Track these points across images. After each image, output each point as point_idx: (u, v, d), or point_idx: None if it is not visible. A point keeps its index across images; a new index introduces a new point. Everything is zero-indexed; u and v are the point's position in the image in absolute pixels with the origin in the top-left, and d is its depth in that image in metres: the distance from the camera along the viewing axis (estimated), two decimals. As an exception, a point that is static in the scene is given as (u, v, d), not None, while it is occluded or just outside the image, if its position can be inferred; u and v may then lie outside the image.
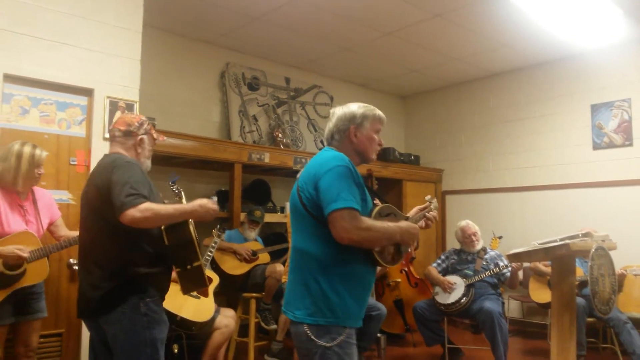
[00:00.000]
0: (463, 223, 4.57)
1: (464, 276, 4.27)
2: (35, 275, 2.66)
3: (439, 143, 6.80)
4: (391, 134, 7.02)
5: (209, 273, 3.64)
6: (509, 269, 4.27)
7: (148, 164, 2.35)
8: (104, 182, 2.07)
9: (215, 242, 3.83)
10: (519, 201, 5.86)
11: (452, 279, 4.29)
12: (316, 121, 5.99)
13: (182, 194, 2.62)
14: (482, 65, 5.85)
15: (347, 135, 1.98)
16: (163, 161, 4.36)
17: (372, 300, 4.27)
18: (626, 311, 4.34)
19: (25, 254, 2.55)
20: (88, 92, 3.30)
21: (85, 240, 2.19)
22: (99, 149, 3.28)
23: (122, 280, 2.06)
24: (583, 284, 4.15)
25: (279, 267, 4.09)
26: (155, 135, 2.39)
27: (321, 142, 5.86)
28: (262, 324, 4.20)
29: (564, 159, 5.53)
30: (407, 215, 2.11)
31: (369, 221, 1.80)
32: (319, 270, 1.81)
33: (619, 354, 4.29)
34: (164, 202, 2.20)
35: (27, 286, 2.64)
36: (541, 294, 4.64)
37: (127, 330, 2.04)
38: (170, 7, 4.42)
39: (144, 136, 2.32)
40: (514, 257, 2.81)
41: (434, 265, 4.54)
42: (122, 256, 2.08)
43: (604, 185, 5.18)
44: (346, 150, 1.97)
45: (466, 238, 4.48)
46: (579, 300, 4.02)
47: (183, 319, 3.20)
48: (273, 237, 5.06)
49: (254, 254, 4.32)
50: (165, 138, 2.57)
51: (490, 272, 4.24)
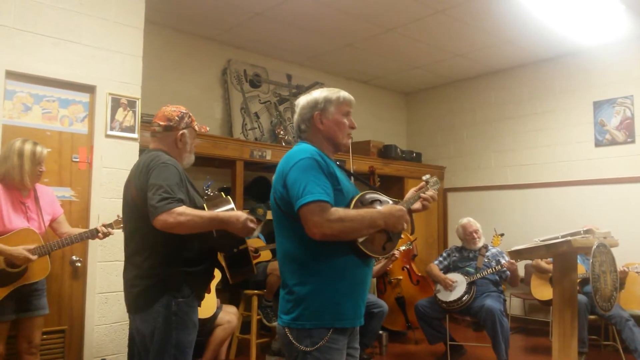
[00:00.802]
0: (464, 220, 4.57)
1: (466, 273, 4.27)
2: (37, 272, 2.67)
3: (440, 140, 6.79)
4: (393, 131, 7.01)
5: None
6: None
7: (191, 158, 2.32)
8: (142, 182, 2.08)
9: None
10: (520, 198, 5.86)
11: (453, 276, 4.29)
12: (318, 118, 5.98)
13: (230, 198, 2.44)
14: (484, 61, 5.84)
15: (313, 123, 1.88)
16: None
17: (373, 298, 4.28)
18: (628, 308, 4.34)
19: (34, 257, 2.56)
20: (90, 89, 3.31)
21: (125, 238, 2.23)
22: (102, 145, 3.29)
23: (157, 279, 2.07)
24: (585, 281, 4.14)
25: (280, 264, 4.09)
26: (197, 128, 2.32)
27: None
28: (264, 321, 4.21)
29: (566, 156, 5.52)
30: (402, 200, 1.97)
31: (340, 211, 1.67)
32: (300, 271, 1.73)
33: (621, 351, 4.29)
34: (203, 204, 2.19)
35: (28, 283, 2.65)
36: (543, 291, 4.64)
37: (159, 328, 2.06)
38: (171, 4, 4.41)
39: (185, 130, 2.25)
40: (515, 254, 2.81)
41: (436, 262, 4.54)
42: (156, 255, 2.09)
43: (606, 182, 5.17)
44: (317, 139, 1.88)
45: (468, 235, 4.48)
46: (581, 298, 4.02)
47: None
48: (274, 234, 5.06)
49: (255, 251, 4.33)
50: (208, 129, 2.46)
51: (492, 270, 4.23)
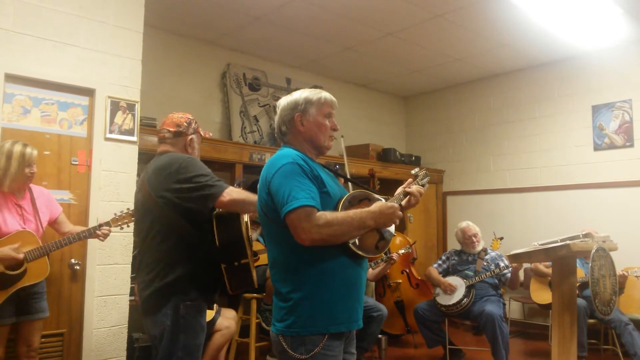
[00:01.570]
0: (463, 224, 4.57)
1: (465, 277, 4.27)
2: (36, 274, 2.66)
3: (439, 144, 6.80)
4: (392, 134, 7.02)
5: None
6: (510, 269, 4.27)
7: None
8: (162, 182, 2.13)
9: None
10: (519, 202, 5.86)
11: (452, 280, 4.29)
12: (317, 122, 5.99)
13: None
14: (483, 65, 5.85)
15: (293, 125, 1.84)
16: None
17: (372, 301, 4.27)
18: (627, 312, 4.34)
19: (20, 255, 2.53)
20: (89, 92, 3.31)
21: (138, 241, 2.27)
22: (101, 148, 3.29)
23: (166, 282, 2.11)
24: (584, 285, 4.14)
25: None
26: (202, 133, 2.43)
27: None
28: (263, 324, 4.19)
29: (564, 160, 5.53)
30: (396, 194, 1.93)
31: (327, 215, 1.63)
32: (290, 277, 1.70)
33: (620, 355, 4.29)
34: None
35: (28, 286, 2.64)
36: (542, 295, 4.64)
37: (167, 331, 2.09)
38: (171, 8, 4.42)
39: (193, 136, 2.36)
40: (514, 258, 2.81)
41: (435, 266, 4.54)
42: (166, 258, 2.13)
43: (604, 186, 5.18)
44: (298, 142, 1.85)
45: (467, 239, 4.48)
46: (580, 302, 4.02)
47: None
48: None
49: (254, 254, 4.32)
50: (211, 134, 2.58)
51: (491, 273, 4.23)
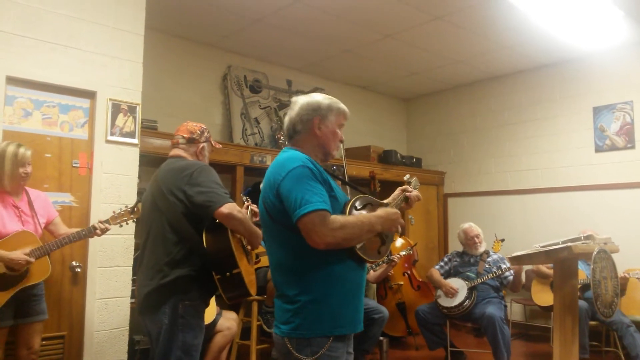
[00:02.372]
0: (466, 225, 4.56)
1: (466, 279, 4.26)
2: (37, 274, 2.66)
3: (440, 145, 6.80)
4: (393, 136, 7.02)
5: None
6: (511, 271, 4.26)
7: None
8: (176, 181, 2.20)
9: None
10: (521, 204, 5.85)
11: (454, 282, 4.28)
12: (318, 124, 5.99)
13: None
14: (484, 67, 5.85)
15: (310, 127, 1.83)
16: (165, 164, 4.36)
17: (374, 303, 4.26)
18: (629, 314, 4.32)
19: (32, 259, 2.57)
20: (90, 95, 3.31)
21: (142, 242, 2.32)
22: (102, 151, 3.29)
23: (166, 281, 2.15)
24: (586, 286, 4.13)
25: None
26: (213, 143, 2.59)
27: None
28: (264, 327, 4.19)
29: (566, 162, 5.52)
30: (387, 200, 2.00)
31: (341, 219, 1.66)
32: (299, 281, 1.70)
33: (622, 357, 4.28)
34: None
35: (28, 288, 2.64)
36: (544, 296, 4.63)
37: (166, 330, 2.13)
38: (172, 10, 4.43)
39: (205, 144, 2.50)
40: (515, 260, 2.80)
41: (437, 267, 4.54)
42: (168, 257, 2.17)
43: (606, 187, 5.17)
44: (309, 144, 1.84)
45: (469, 240, 4.47)
46: (582, 303, 4.01)
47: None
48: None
49: (255, 257, 4.32)
50: (220, 145, 2.73)
51: (493, 275, 4.23)
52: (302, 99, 1.87)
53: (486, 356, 4.34)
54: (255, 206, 2.87)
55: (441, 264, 4.57)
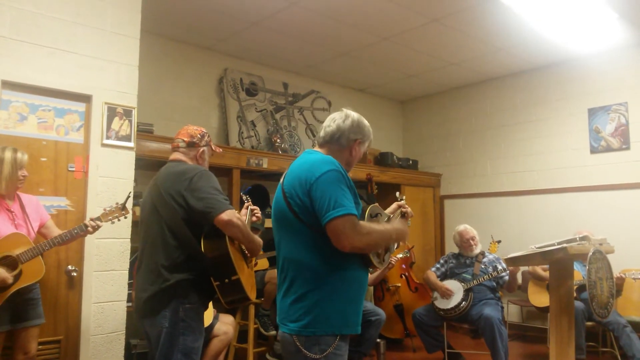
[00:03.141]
0: (461, 227, 4.57)
1: (463, 280, 4.27)
2: (31, 275, 2.63)
3: (436, 148, 6.81)
4: (389, 138, 7.03)
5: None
6: (507, 272, 4.27)
7: None
8: (177, 189, 2.20)
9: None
10: (516, 205, 5.87)
11: (450, 284, 4.28)
12: (314, 126, 6.00)
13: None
14: (479, 69, 5.87)
15: (350, 145, 1.95)
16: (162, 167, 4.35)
17: (371, 305, 4.27)
18: (625, 315, 4.34)
19: (11, 279, 2.50)
20: (86, 99, 3.30)
21: (142, 245, 2.31)
22: (97, 155, 3.29)
23: (167, 285, 2.15)
24: (582, 287, 4.15)
25: (277, 272, 4.08)
26: (213, 148, 2.59)
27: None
28: (261, 329, 4.19)
29: (561, 163, 5.55)
30: (387, 212, 2.14)
31: (367, 226, 1.78)
32: (315, 279, 1.75)
33: (619, 357, 4.29)
34: None
35: (23, 292, 2.62)
36: (540, 297, 4.64)
37: (166, 333, 2.13)
38: (167, 13, 4.43)
39: (205, 148, 2.50)
40: (511, 261, 2.81)
41: (433, 269, 4.54)
42: (168, 262, 2.17)
43: (601, 189, 5.19)
44: (339, 156, 1.92)
45: (464, 242, 4.48)
46: (578, 304, 4.03)
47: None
48: (272, 242, 5.04)
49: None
50: (221, 150, 2.71)
51: (489, 276, 4.24)
52: (356, 116, 1.98)
53: (484, 357, 4.35)
54: (255, 206, 2.86)
55: (437, 266, 4.58)
